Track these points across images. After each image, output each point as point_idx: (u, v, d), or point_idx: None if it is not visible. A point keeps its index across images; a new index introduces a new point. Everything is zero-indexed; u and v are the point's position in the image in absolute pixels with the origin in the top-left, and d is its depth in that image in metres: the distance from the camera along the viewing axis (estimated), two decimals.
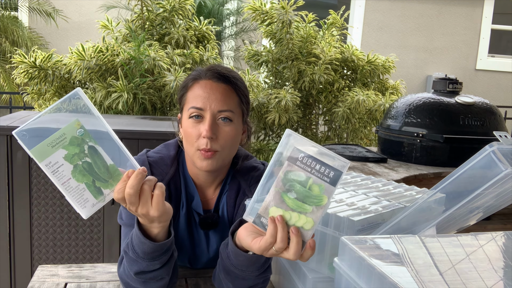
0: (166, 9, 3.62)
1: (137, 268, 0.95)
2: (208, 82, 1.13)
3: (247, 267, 0.93)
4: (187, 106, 1.13)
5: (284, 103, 3.53)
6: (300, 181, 0.75)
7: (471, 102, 2.31)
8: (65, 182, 0.71)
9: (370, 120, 3.91)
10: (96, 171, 0.74)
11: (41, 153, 0.69)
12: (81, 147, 0.73)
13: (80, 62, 3.17)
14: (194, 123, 1.10)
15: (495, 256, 0.78)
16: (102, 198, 0.76)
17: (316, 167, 0.74)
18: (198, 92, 1.11)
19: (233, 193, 1.19)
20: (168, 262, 0.98)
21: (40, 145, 0.69)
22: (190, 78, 1.16)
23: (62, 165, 0.71)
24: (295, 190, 0.75)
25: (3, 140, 2.10)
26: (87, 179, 0.73)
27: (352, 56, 3.99)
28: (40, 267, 1.19)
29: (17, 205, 2.16)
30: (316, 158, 0.74)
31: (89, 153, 0.74)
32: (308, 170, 0.74)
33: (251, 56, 4.07)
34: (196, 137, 1.09)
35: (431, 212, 0.91)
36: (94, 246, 2.26)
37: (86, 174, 0.73)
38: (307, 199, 0.75)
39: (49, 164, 0.69)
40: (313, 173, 0.74)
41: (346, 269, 0.76)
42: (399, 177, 1.99)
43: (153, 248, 0.92)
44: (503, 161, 0.75)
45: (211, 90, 1.11)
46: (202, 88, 1.12)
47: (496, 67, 7.33)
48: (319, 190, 0.75)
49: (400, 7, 7.02)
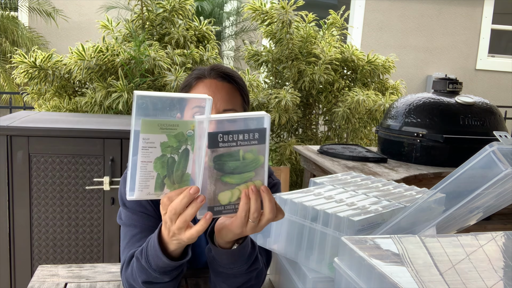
0: (166, 9, 3.62)
1: (146, 277, 0.94)
2: (213, 81, 1.13)
3: (234, 263, 0.93)
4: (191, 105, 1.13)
5: (284, 103, 3.53)
6: (231, 158, 0.75)
7: (471, 102, 2.31)
8: (145, 161, 0.72)
9: (370, 120, 3.91)
10: (173, 170, 0.76)
11: (148, 127, 0.71)
12: (179, 144, 0.75)
13: (80, 62, 3.17)
14: None
15: (495, 256, 0.78)
16: (158, 194, 0.77)
17: (239, 138, 0.74)
18: (203, 91, 1.12)
19: None
20: (177, 277, 0.97)
21: (152, 121, 0.71)
22: (193, 77, 1.16)
23: (155, 147, 0.73)
24: (231, 167, 0.76)
25: (3, 140, 2.10)
26: (162, 171, 0.75)
27: (352, 56, 3.99)
28: (40, 267, 1.19)
29: (17, 205, 2.16)
30: (233, 131, 0.74)
31: (181, 153, 0.75)
32: (233, 145, 0.74)
33: (251, 56, 4.07)
34: None
35: (431, 212, 0.91)
36: (94, 246, 2.26)
37: (165, 167, 0.75)
38: (246, 168, 0.77)
39: (146, 139, 0.71)
40: (240, 145, 0.75)
41: (346, 269, 0.76)
42: (399, 177, 1.99)
43: (167, 264, 0.90)
44: (503, 161, 0.75)
45: (216, 89, 1.12)
46: (207, 87, 1.12)
47: (496, 67, 7.33)
48: (252, 155, 0.76)
49: (400, 7, 7.02)
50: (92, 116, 2.87)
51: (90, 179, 2.20)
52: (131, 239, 1.08)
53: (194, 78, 1.16)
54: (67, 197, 2.20)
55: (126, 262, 1.02)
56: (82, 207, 2.22)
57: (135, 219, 1.10)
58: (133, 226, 1.09)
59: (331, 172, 2.09)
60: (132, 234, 1.08)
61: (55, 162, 2.17)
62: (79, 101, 3.31)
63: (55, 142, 2.15)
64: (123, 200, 1.13)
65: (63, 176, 2.18)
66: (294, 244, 0.97)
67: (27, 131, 2.13)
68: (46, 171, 2.17)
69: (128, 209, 1.11)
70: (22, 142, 2.12)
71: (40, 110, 3.39)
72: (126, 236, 1.09)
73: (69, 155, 2.17)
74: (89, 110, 3.23)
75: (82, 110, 3.28)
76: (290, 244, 0.98)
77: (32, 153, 2.14)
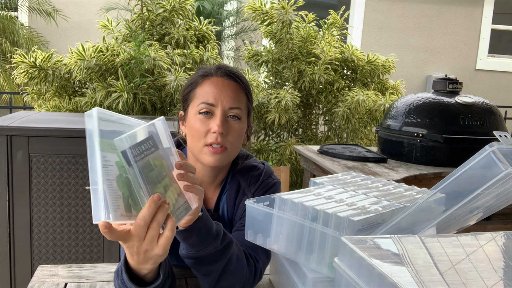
0: (166, 9, 3.62)
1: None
2: (220, 79, 1.14)
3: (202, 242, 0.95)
4: (196, 102, 1.13)
5: (284, 103, 3.53)
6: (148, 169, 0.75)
7: (471, 102, 2.31)
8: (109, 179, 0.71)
9: (370, 120, 3.91)
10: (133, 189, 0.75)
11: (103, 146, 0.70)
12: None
13: (80, 62, 3.17)
14: (204, 119, 1.11)
15: (495, 256, 0.78)
16: (129, 215, 0.74)
17: (142, 148, 0.74)
18: (209, 89, 1.12)
19: (233, 193, 1.20)
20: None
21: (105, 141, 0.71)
22: (199, 75, 1.17)
23: (112, 166, 0.71)
24: (154, 176, 0.76)
25: (3, 140, 2.10)
26: (124, 190, 0.73)
27: (352, 56, 3.99)
28: (40, 267, 1.19)
29: (17, 205, 2.16)
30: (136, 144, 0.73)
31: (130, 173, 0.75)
32: (142, 157, 0.74)
33: (251, 56, 4.07)
34: (204, 133, 1.10)
35: (431, 212, 0.91)
36: (94, 246, 2.26)
37: (125, 186, 0.74)
38: (162, 174, 0.78)
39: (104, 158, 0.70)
40: (146, 155, 0.74)
41: (346, 269, 0.76)
42: (399, 177, 1.99)
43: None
44: (503, 161, 0.75)
45: (223, 87, 1.13)
46: (214, 85, 1.13)
47: (496, 67, 7.33)
48: (159, 160, 0.77)
49: (400, 7, 7.02)
50: None
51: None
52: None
53: (200, 76, 1.17)
54: (67, 197, 2.20)
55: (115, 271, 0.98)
56: (82, 207, 2.22)
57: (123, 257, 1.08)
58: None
59: (331, 172, 2.09)
60: None
61: (55, 162, 2.17)
62: (79, 101, 3.31)
63: (55, 142, 2.16)
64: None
65: (63, 176, 2.18)
66: (294, 244, 0.97)
67: (27, 131, 2.13)
68: (46, 171, 2.17)
69: None
70: (22, 142, 2.12)
71: (40, 110, 3.39)
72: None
73: (69, 155, 2.17)
74: (89, 110, 3.24)
75: (82, 110, 3.28)
76: (290, 244, 0.98)
77: (32, 153, 2.14)
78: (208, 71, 1.16)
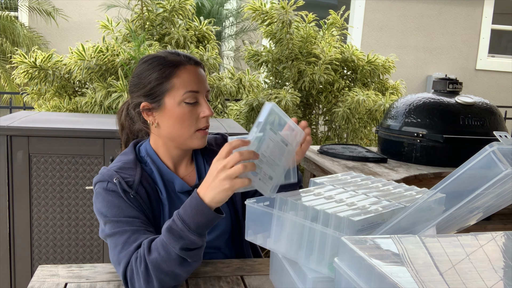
0: (166, 9, 3.62)
1: (183, 243, 0.97)
2: (193, 67, 1.22)
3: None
4: (178, 92, 1.18)
5: (284, 103, 3.53)
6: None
7: (471, 102, 2.31)
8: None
9: (370, 120, 3.91)
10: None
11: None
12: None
13: (80, 62, 3.17)
14: (190, 107, 1.19)
15: (495, 256, 0.78)
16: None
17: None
18: (189, 77, 1.19)
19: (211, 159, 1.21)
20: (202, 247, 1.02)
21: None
22: (168, 65, 1.20)
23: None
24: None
25: (3, 140, 2.10)
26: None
27: (352, 56, 3.99)
28: (40, 267, 1.19)
29: (17, 205, 2.16)
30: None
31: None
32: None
33: (251, 56, 4.07)
34: (195, 119, 1.20)
35: (431, 212, 0.91)
36: (94, 246, 2.26)
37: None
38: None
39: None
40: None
41: (346, 269, 0.76)
42: (399, 177, 1.99)
43: (209, 217, 0.97)
44: (503, 161, 0.75)
45: (200, 75, 1.22)
46: (191, 73, 1.20)
47: (496, 67, 7.33)
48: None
49: (400, 7, 7.02)
50: (92, 116, 2.87)
51: (90, 179, 2.20)
52: (125, 244, 1.06)
53: (171, 67, 1.19)
54: (67, 197, 2.20)
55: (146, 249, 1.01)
56: (82, 207, 2.22)
57: (121, 225, 1.09)
58: (123, 231, 1.08)
59: (331, 172, 2.09)
60: (124, 240, 1.07)
61: (55, 162, 2.17)
62: (79, 101, 3.31)
63: (55, 142, 2.15)
64: (102, 214, 1.12)
65: (63, 176, 2.18)
66: (294, 244, 0.97)
67: (27, 131, 2.13)
68: (46, 171, 2.17)
69: (111, 219, 1.10)
70: (22, 142, 2.12)
71: (40, 110, 3.39)
72: (117, 244, 1.08)
73: (69, 155, 2.17)
74: (89, 110, 3.23)
75: (82, 110, 3.28)
76: (290, 244, 0.98)
77: (32, 153, 2.14)
78: (178, 61, 1.21)
